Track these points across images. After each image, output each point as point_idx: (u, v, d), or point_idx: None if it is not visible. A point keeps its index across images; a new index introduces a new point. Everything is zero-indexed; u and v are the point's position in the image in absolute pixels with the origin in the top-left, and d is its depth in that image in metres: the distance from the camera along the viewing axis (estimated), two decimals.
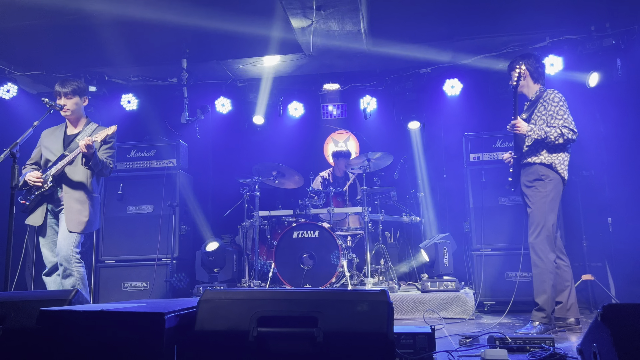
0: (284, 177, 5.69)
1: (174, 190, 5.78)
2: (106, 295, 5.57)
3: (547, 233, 3.69)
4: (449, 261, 5.04)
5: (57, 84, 3.92)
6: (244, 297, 2.12)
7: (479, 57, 5.76)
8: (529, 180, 3.83)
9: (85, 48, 5.79)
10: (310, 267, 4.92)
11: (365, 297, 2.07)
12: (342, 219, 5.55)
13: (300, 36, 5.31)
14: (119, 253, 5.67)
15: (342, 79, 6.58)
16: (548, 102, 3.79)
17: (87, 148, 3.57)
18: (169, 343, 1.93)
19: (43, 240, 3.86)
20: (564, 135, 3.67)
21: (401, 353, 2.55)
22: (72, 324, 1.98)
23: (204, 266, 5.67)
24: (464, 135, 5.53)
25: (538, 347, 2.86)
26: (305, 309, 2.04)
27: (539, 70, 3.96)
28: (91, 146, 3.60)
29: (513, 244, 5.00)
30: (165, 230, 5.63)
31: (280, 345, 2.00)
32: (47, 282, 3.88)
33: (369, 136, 7.15)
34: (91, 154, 3.64)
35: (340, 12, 4.84)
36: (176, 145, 5.94)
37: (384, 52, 5.84)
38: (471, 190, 5.36)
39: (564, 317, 3.76)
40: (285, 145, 7.04)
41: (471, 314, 4.62)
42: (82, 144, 3.57)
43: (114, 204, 5.76)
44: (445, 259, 5.03)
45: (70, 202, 3.77)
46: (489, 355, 2.64)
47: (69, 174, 3.80)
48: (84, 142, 3.56)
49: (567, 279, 3.80)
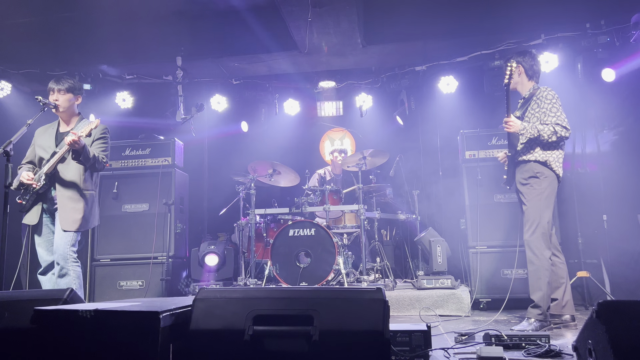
0: (280, 175, 5.69)
1: (170, 189, 5.76)
2: (101, 294, 5.55)
3: (542, 230, 3.70)
4: (442, 259, 5.05)
5: (51, 80, 3.90)
6: (239, 295, 2.11)
7: (475, 54, 5.76)
8: (524, 178, 3.84)
9: (79, 46, 5.76)
10: (307, 265, 4.92)
11: (361, 295, 2.07)
12: (338, 216, 5.55)
13: (295, 34, 5.30)
14: (114, 252, 5.66)
15: (338, 76, 6.58)
16: (541, 99, 3.80)
17: (73, 144, 3.53)
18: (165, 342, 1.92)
19: (39, 239, 3.84)
20: (557, 132, 3.68)
21: (397, 350, 2.55)
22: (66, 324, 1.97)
23: (199, 265, 5.66)
24: (460, 132, 5.53)
25: (534, 344, 2.87)
26: (301, 307, 2.04)
27: (534, 67, 3.96)
28: (77, 141, 3.55)
29: (508, 242, 5.01)
30: (161, 229, 5.61)
31: (276, 344, 2.00)
32: (42, 281, 3.86)
33: (364, 134, 7.15)
34: (81, 148, 3.59)
35: (335, 10, 4.83)
36: (171, 143, 5.92)
37: (380, 50, 5.84)
38: (467, 187, 5.37)
39: (559, 314, 3.77)
40: (281, 143, 7.04)
41: (467, 311, 4.64)
42: (68, 139, 3.53)
43: (109, 203, 5.74)
44: (438, 257, 5.04)
45: (63, 201, 3.75)
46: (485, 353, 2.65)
47: (61, 172, 3.78)
48: (69, 137, 3.53)
49: (562, 276, 3.81)
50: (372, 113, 6.78)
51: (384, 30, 5.57)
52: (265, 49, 5.74)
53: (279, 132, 7.09)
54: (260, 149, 6.92)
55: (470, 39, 5.56)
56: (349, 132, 7.43)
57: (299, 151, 7.17)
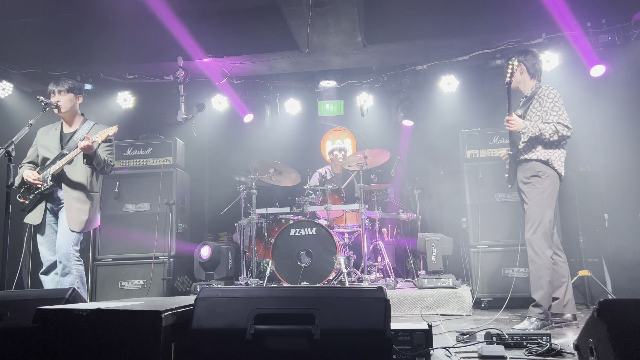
0: (281, 174, 5.69)
1: (171, 189, 5.77)
2: (103, 294, 5.56)
3: (544, 229, 3.70)
4: (437, 258, 5.04)
5: (51, 83, 3.91)
6: (241, 294, 2.12)
7: (475, 53, 5.75)
8: (525, 177, 3.83)
9: (81, 46, 5.77)
10: (308, 265, 4.92)
11: (362, 294, 2.07)
12: (340, 216, 5.55)
13: (296, 33, 5.30)
14: (116, 251, 5.67)
15: (339, 76, 6.57)
16: (543, 98, 3.80)
17: (87, 149, 3.57)
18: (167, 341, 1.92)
19: (41, 239, 3.85)
20: (559, 131, 3.67)
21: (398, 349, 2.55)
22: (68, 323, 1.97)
23: (201, 265, 5.67)
24: (461, 131, 5.53)
25: (535, 343, 2.86)
26: (302, 307, 2.04)
27: (536, 66, 3.96)
28: (91, 146, 3.59)
29: (510, 241, 5.01)
30: (162, 229, 5.62)
31: (278, 343, 2.00)
32: (44, 281, 3.87)
33: (365, 133, 7.15)
34: (93, 153, 3.64)
35: (336, 9, 4.83)
36: (173, 143, 5.93)
37: (381, 49, 5.84)
38: (468, 187, 5.36)
39: (560, 313, 3.77)
40: (282, 143, 7.04)
41: (468, 310, 4.64)
42: (82, 144, 3.56)
43: (111, 203, 5.75)
44: (433, 256, 5.03)
45: (70, 202, 3.76)
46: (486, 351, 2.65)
47: (68, 174, 3.80)
48: (84, 142, 3.55)
49: (563, 274, 3.81)
50: (373, 112, 6.78)
51: (385, 30, 5.57)
52: (266, 49, 5.75)
53: (280, 131, 7.10)
54: (261, 148, 6.92)
55: (471, 38, 5.55)
56: (350, 131, 7.43)
57: (300, 150, 7.17)
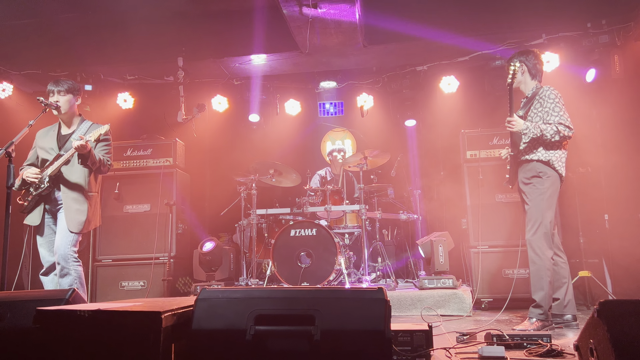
0: (281, 175, 5.69)
1: (171, 189, 5.77)
2: (103, 295, 5.56)
3: (544, 230, 3.69)
4: (444, 258, 5.05)
5: (50, 83, 3.90)
6: (241, 295, 2.11)
7: (476, 54, 5.76)
8: (526, 178, 3.83)
9: (81, 47, 5.77)
10: (308, 265, 4.92)
11: (362, 295, 2.07)
12: (340, 216, 5.55)
13: (296, 34, 5.30)
14: (116, 252, 5.67)
15: (339, 76, 6.58)
16: (544, 98, 3.79)
17: (80, 148, 3.56)
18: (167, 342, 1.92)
19: (41, 240, 3.85)
20: (560, 132, 3.67)
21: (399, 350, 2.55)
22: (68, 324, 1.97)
23: (201, 265, 5.67)
24: (461, 132, 5.53)
25: (535, 343, 2.86)
26: (302, 307, 2.04)
27: (537, 67, 3.95)
28: (85, 146, 3.58)
29: (510, 241, 5.01)
30: (163, 229, 5.62)
31: (278, 344, 2.00)
32: (44, 282, 3.87)
33: (366, 134, 7.15)
34: (87, 153, 3.63)
35: (336, 9, 4.83)
36: (173, 143, 5.93)
37: (381, 50, 5.84)
38: (468, 187, 5.36)
39: (561, 314, 3.76)
40: (282, 143, 7.04)
41: (468, 311, 4.63)
42: (75, 144, 3.56)
43: (111, 203, 5.75)
44: (440, 256, 5.03)
45: (68, 202, 3.76)
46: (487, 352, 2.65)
47: (65, 174, 3.80)
48: (77, 142, 3.55)
49: (564, 275, 3.81)
50: (373, 113, 6.78)
51: (385, 31, 5.56)
52: (267, 49, 5.75)
53: (280, 132, 7.10)
54: (261, 149, 6.92)
55: (472, 38, 5.55)
56: (350, 132, 7.42)
57: (300, 151, 7.17)
